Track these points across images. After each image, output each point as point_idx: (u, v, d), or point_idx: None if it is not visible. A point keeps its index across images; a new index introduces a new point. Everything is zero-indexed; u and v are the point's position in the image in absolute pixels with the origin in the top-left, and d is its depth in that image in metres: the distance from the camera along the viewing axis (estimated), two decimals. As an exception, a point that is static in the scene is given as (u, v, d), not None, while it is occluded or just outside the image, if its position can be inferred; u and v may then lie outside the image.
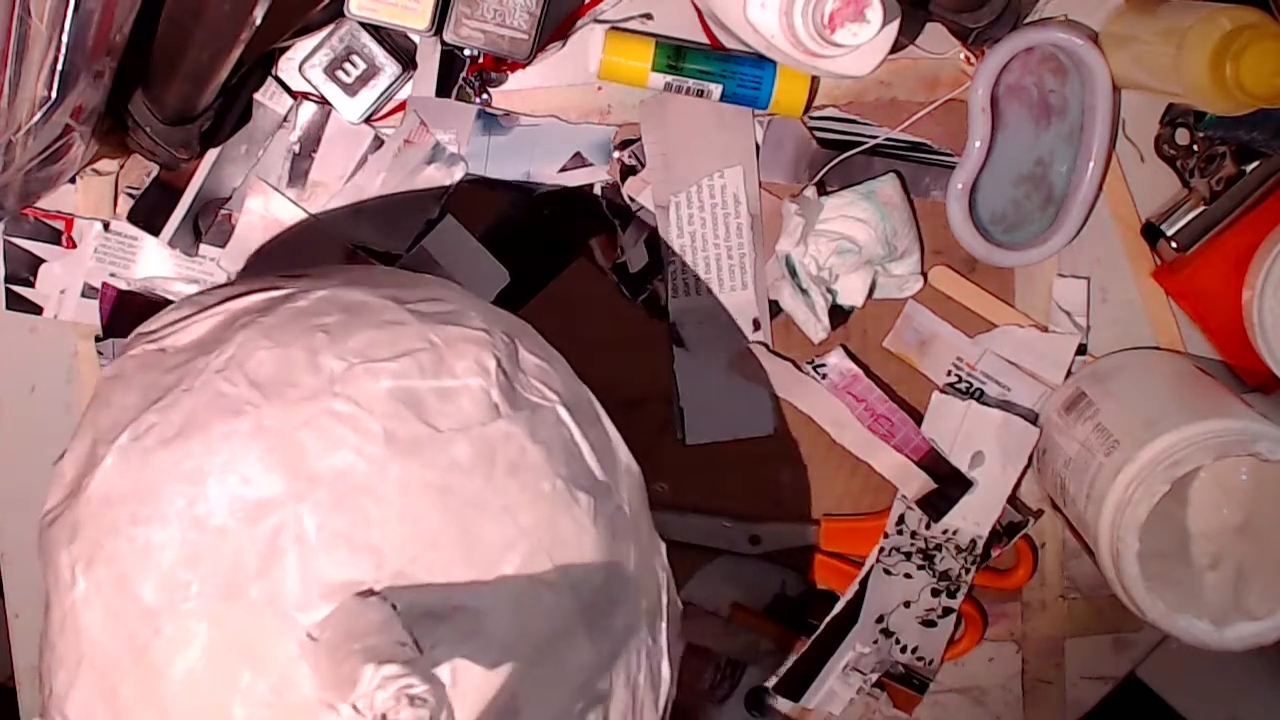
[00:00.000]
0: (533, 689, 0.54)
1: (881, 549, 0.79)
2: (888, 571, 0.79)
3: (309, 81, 0.74)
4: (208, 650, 0.51)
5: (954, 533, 0.79)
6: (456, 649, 0.52)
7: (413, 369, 0.55)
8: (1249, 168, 0.75)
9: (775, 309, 0.77)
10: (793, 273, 0.76)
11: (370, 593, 0.51)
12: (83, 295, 0.76)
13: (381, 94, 0.73)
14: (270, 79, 0.74)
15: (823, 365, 0.78)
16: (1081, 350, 0.79)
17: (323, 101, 0.74)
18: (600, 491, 0.58)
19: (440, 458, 0.54)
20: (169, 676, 0.51)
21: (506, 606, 0.53)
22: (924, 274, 0.78)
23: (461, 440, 0.54)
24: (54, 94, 0.59)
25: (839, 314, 0.77)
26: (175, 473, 0.53)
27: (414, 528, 0.53)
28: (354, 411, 0.53)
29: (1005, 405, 0.78)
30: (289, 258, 0.76)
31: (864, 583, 0.79)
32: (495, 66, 0.74)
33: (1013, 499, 0.79)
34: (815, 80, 0.75)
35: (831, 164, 0.76)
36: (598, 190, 0.76)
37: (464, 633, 0.52)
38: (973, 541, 0.79)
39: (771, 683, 0.80)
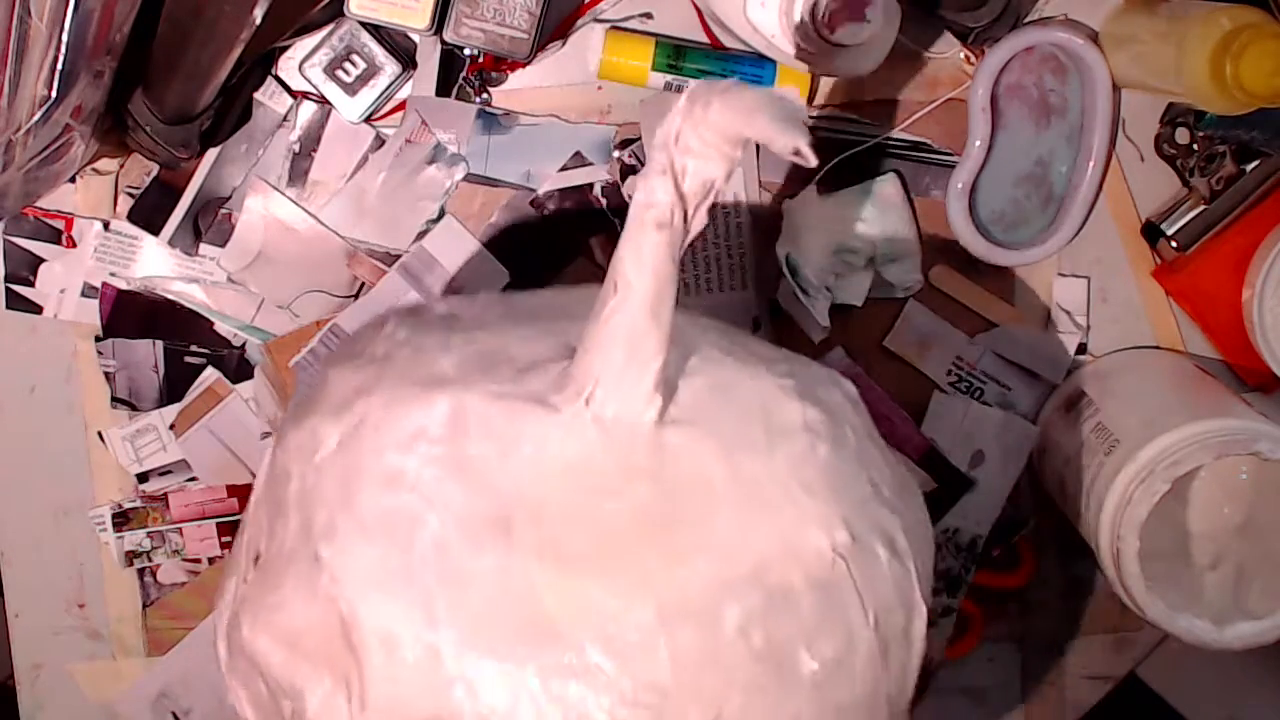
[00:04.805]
0: None
1: (881, 549, 0.79)
2: (888, 571, 0.79)
3: (309, 81, 0.74)
4: None
5: (954, 532, 0.78)
6: None
7: None
8: (1249, 167, 0.75)
9: (775, 309, 0.77)
10: (793, 272, 0.76)
11: None
12: (83, 295, 0.76)
13: (381, 93, 0.73)
14: (270, 78, 0.75)
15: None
16: (1081, 350, 0.79)
17: (323, 101, 0.75)
18: None
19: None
20: None
21: None
22: (924, 274, 0.78)
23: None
24: (54, 93, 0.59)
25: (839, 314, 0.77)
26: None
27: None
28: None
29: (1005, 405, 0.78)
30: (290, 258, 0.76)
31: (864, 582, 0.79)
32: (495, 66, 0.74)
33: (1013, 499, 0.79)
34: (815, 80, 0.75)
35: (831, 164, 0.76)
36: (598, 190, 0.76)
37: None
38: (973, 541, 0.79)
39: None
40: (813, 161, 0.44)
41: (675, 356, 0.49)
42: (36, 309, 0.77)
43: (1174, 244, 0.76)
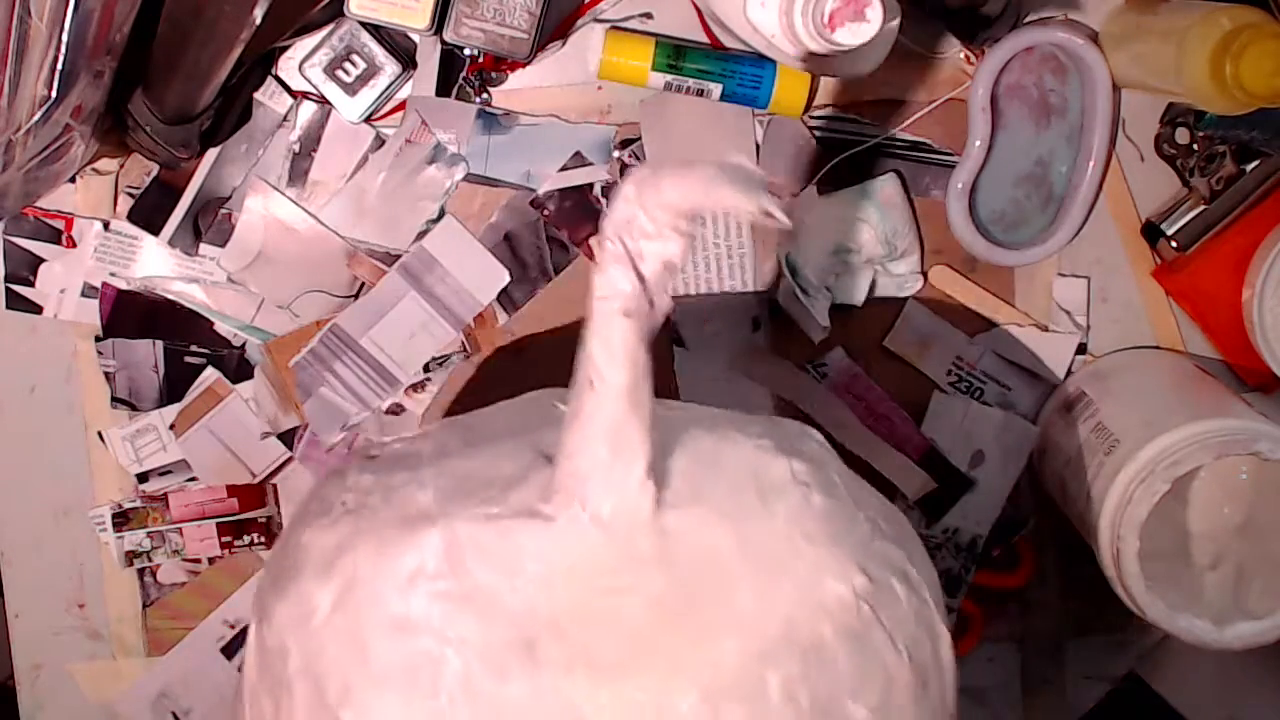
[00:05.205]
0: None
1: (881, 549, 0.79)
2: (888, 571, 0.79)
3: (309, 81, 0.74)
4: None
5: (954, 532, 0.78)
6: None
7: None
8: (1249, 167, 0.75)
9: (775, 309, 0.77)
10: (793, 272, 0.76)
11: None
12: (83, 295, 0.76)
13: (381, 93, 0.73)
14: (270, 78, 0.75)
15: (823, 365, 0.78)
16: (1081, 350, 0.79)
17: (323, 101, 0.75)
18: None
19: None
20: None
21: None
22: (924, 274, 0.78)
23: None
24: (54, 93, 0.59)
25: (839, 314, 0.77)
26: None
27: None
28: None
29: (1005, 405, 0.78)
30: (290, 258, 0.76)
31: (864, 582, 0.79)
32: (495, 66, 0.74)
33: (1013, 499, 0.79)
34: (815, 80, 0.75)
35: (831, 164, 0.76)
36: (598, 190, 0.76)
37: None
38: (973, 541, 0.79)
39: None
40: (787, 223, 0.44)
41: (657, 440, 0.48)
42: (36, 309, 0.77)
43: (1174, 244, 0.76)
